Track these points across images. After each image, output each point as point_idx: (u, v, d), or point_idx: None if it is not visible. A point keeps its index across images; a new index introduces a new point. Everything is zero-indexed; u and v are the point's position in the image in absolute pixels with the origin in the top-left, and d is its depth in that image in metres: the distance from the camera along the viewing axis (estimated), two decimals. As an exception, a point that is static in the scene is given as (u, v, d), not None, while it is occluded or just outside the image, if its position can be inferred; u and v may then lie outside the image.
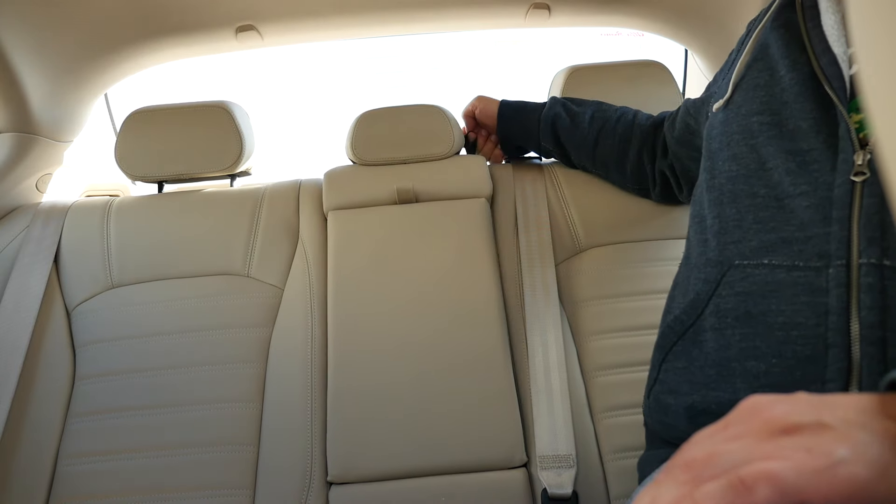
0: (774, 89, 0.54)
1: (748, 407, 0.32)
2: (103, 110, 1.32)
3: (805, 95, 0.51)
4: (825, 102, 0.51)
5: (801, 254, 0.49)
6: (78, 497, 0.82)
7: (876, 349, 0.44)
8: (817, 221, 0.48)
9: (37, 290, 0.93)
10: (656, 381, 0.61)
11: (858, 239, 0.46)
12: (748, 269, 0.52)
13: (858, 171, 0.46)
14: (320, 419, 0.85)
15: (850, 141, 0.47)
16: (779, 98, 0.54)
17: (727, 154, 0.57)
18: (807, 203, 0.49)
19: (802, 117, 0.51)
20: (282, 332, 0.91)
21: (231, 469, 0.82)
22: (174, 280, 0.95)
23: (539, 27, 1.25)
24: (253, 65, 4.08)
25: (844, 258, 0.46)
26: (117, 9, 1.01)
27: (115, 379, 0.88)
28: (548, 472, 0.79)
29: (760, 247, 0.51)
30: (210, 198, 1.01)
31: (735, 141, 0.56)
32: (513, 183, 1.03)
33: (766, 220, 0.52)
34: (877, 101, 0.19)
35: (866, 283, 0.45)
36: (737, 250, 0.53)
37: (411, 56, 5.09)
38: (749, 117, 0.55)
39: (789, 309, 0.48)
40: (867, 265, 0.45)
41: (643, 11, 1.18)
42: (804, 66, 0.53)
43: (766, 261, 0.50)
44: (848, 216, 0.46)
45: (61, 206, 1.02)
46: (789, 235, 0.50)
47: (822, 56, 0.51)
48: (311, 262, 0.95)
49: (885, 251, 0.45)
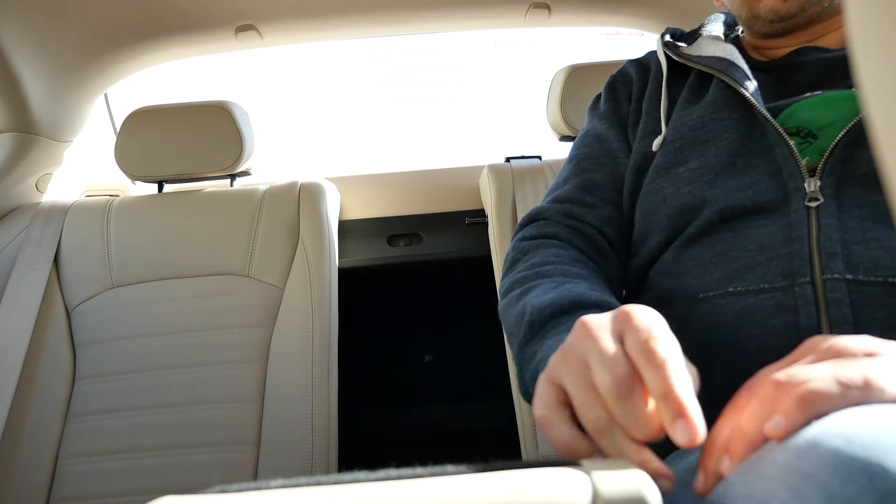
0: (696, 113, 0.56)
1: (817, 341, 0.33)
2: (103, 110, 1.32)
3: (729, 120, 0.54)
4: (746, 121, 0.53)
5: (765, 276, 0.48)
6: (78, 497, 0.82)
7: None
8: (778, 243, 0.48)
9: (37, 290, 0.93)
10: None
11: (819, 256, 0.46)
12: (714, 301, 0.50)
13: (812, 197, 0.48)
14: (321, 419, 0.85)
15: (798, 168, 0.49)
16: (700, 122, 0.55)
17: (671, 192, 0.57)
18: (765, 230, 0.49)
19: (735, 151, 0.53)
20: (282, 332, 0.91)
21: (231, 469, 0.82)
22: (174, 280, 0.95)
23: (539, 27, 1.25)
24: (253, 65, 4.08)
25: (808, 275, 0.46)
26: (117, 9, 1.01)
27: (115, 379, 0.88)
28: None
29: (724, 277, 0.50)
30: (210, 198, 1.01)
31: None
32: (513, 183, 1.03)
33: (725, 251, 0.51)
34: (879, 106, 0.19)
35: (833, 299, 0.45)
36: (699, 284, 0.52)
37: (411, 56, 5.09)
38: (682, 153, 0.56)
39: (761, 333, 0.47)
40: (832, 280, 0.45)
41: (643, 11, 1.19)
42: (720, 88, 0.55)
43: (732, 289, 0.49)
44: (807, 235, 0.47)
45: (61, 206, 1.02)
46: (751, 261, 0.49)
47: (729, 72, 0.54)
48: (312, 261, 0.95)
49: (848, 265, 0.45)
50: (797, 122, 0.51)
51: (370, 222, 1.23)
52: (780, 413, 0.29)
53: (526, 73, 4.59)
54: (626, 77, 0.69)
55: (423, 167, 1.28)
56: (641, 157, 0.61)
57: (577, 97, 1.07)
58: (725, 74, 0.55)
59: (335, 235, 1.03)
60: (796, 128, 0.50)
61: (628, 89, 0.68)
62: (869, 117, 0.20)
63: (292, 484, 0.26)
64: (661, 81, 0.63)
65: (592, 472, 0.26)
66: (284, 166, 3.61)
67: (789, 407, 0.28)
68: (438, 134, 4.70)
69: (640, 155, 0.62)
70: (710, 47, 0.61)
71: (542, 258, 0.59)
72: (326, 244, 0.98)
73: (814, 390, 0.28)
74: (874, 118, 0.20)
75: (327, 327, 0.91)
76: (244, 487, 0.27)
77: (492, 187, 1.04)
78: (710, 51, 0.60)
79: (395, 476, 0.27)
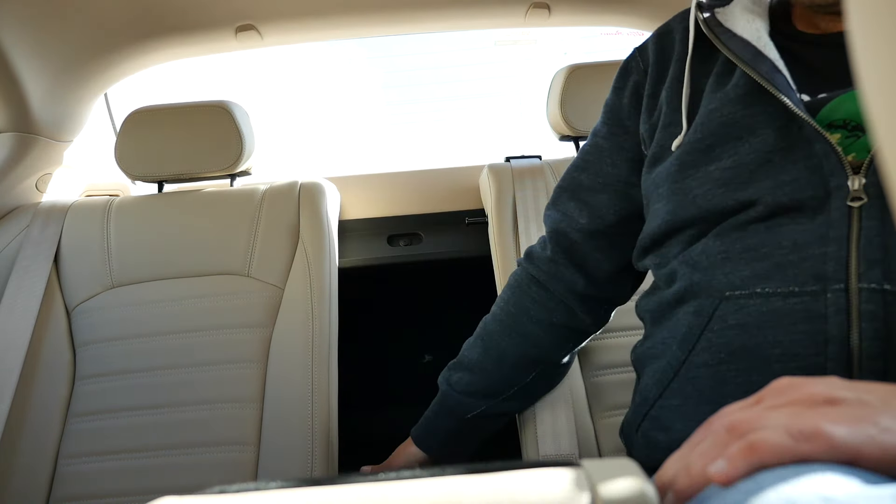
0: (725, 109, 0.51)
1: (784, 384, 0.33)
2: (103, 110, 1.32)
3: (763, 115, 0.49)
4: (781, 115, 0.48)
5: (795, 278, 0.45)
6: (78, 497, 0.82)
7: (877, 380, 0.42)
8: (813, 241, 0.45)
9: (37, 289, 0.93)
10: (646, 416, 0.56)
11: (858, 261, 0.43)
12: (741, 301, 0.48)
13: (855, 196, 0.44)
14: (321, 419, 0.85)
15: (840, 164, 0.45)
16: (730, 118, 0.51)
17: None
18: (801, 228, 0.46)
19: (769, 147, 0.48)
20: (282, 332, 0.91)
21: (231, 469, 0.82)
22: (174, 280, 0.95)
23: (539, 26, 1.25)
24: (255, 66, 4.09)
25: (843, 281, 0.43)
26: (117, 9, 1.01)
27: (115, 379, 0.88)
28: None
29: (753, 275, 0.47)
30: (210, 198, 1.01)
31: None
32: (513, 183, 1.03)
33: (756, 246, 0.48)
34: (882, 112, 0.19)
35: (868, 311, 0.42)
36: (727, 281, 0.49)
37: (412, 56, 5.09)
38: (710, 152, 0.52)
39: (787, 339, 0.45)
40: (868, 290, 0.42)
41: (643, 11, 1.18)
42: (746, 82, 0.50)
43: (760, 289, 0.47)
44: (846, 236, 0.43)
45: (61, 205, 1.02)
46: (782, 259, 0.46)
47: (759, 66, 0.49)
48: (312, 261, 0.95)
49: (887, 275, 0.42)
50: (844, 115, 0.46)
51: (370, 222, 1.23)
52: (726, 457, 0.29)
53: (525, 72, 4.58)
54: (643, 57, 0.63)
55: (423, 167, 1.28)
56: (660, 149, 0.57)
57: (577, 97, 1.07)
58: (751, 67, 0.49)
59: (335, 235, 1.03)
60: (843, 120, 0.46)
61: (642, 75, 0.63)
62: (869, 117, 0.20)
63: (292, 485, 0.26)
64: (685, 65, 0.57)
65: (592, 472, 0.26)
66: (285, 166, 3.61)
67: (735, 453, 0.28)
68: (438, 134, 4.70)
69: (658, 147, 0.58)
70: (741, 20, 0.54)
71: (494, 316, 0.76)
72: (326, 244, 0.98)
73: (762, 440, 0.28)
74: (875, 118, 0.20)
75: (327, 327, 0.91)
76: (244, 488, 0.27)
77: (492, 187, 1.04)
78: (741, 27, 0.53)
79: (394, 476, 0.27)
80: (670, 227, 0.55)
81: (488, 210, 1.08)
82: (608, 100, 0.68)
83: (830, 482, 0.25)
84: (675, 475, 0.32)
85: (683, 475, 0.31)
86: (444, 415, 0.78)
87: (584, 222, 0.68)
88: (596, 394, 0.86)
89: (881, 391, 0.30)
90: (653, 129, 0.60)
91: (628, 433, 0.61)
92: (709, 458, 0.30)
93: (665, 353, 0.55)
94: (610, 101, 0.67)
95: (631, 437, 0.60)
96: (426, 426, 0.80)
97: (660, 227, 0.56)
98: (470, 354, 0.76)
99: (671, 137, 0.56)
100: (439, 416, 0.79)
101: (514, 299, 0.74)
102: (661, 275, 0.58)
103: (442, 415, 0.78)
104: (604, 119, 0.68)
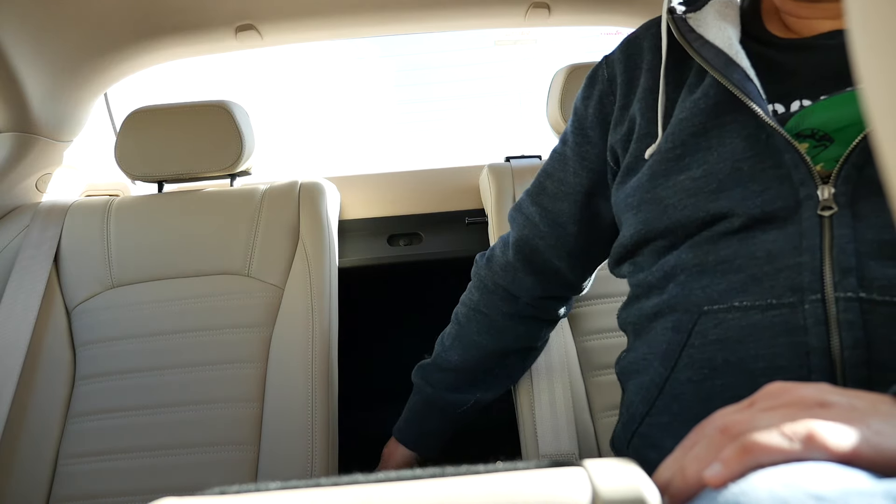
0: (696, 120, 0.51)
1: (775, 388, 0.33)
2: (103, 110, 1.32)
3: (734, 124, 0.49)
4: (751, 124, 0.48)
5: (772, 290, 0.45)
6: (78, 497, 0.82)
7: (861, 388, 0.42)
8: (786, 252, 0.45)
9: (37, 289, 0.93)
10: (635, 434, 0.56)
11: (832, 270, 0.43)
12: (720, 315, 0.47)
13: (825, 205, 0.44)
14: (321, 419, 0.85)
15: (809, 174, 0.45)
16: (701, 127, 0.51)
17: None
18: (774, 238, 0.46)
19: (737, 156, 0.48)
20: (282, 332, 0.91)
21: (231, 469, 0.82)
22: (174, 280, 0.95)
23: (539, 26, 1.25)
24: (261, 66, 4.09)
25: (819, 292, 0.43)
26: (117, 9, 1.01)
27: (115, 379, 0.88)
28: None
29: (729, 289, 0.47)
30: (210, 198, 1.01)
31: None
32: (513, 182, 1.03)
33: (730, 258, 0.48)
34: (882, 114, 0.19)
35: (846, 321, 0.42)
36: (704, 295, 0.49)
37: (411, 55, 5.09)
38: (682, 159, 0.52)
39: (769, 353, 0.45)
40: (844, 299, 0.42)
41: (643, 11, 1.18)
42: (717, 91, 0.50)
43: (738, 303, 0.46)
44: (819, 245, 0.44)
45: (61, 205, 1.02)
46: (757, 271, 0.46)
47: (730, 74, 0.48)
48: (312, 261, 0.95)
49: (862, 283, 0.42)
50: (812, 124, 0.46)
51: (370, 222, 1.23)
52: (721, 460, 0.29)
53: (525, 72, 4.58)
54: (610, 68, 0.63)
55: (423, 167, 1.28)
56: (634, 160, 0.57)
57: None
58: (722, 76, 0.49)
59: (335, 235, 1.03)
60: (811, 130, 0.46)
61: (608, 85, 0.62)
62: (869, 117, 0.20)
63: (291, 485, 0.26)
64: (657, 73, 0.57)
65: (592, 472, 0.26)
66: (287, 165, 3.61)
67: (730, 455, 0.28)
68: (438, 133, 4.70)
69: (633, 158, 0.57)
70: (713, 28, 0.53)
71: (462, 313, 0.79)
72: (326, 244, 0.98)
73: (756, 441, 0.28)
74: (875, 118, 0.20)
75: (327, 327, 0.91)
76: (244, 489, 0.27)
77: (492, 187, 1.04)
78: (713, 34, 0.53)
79: (394, 477, 0.27)
80: (642, 238, 0.55)
81: (488, 210, 1.08)
82: (576, 105, 0.67)
83: (821, 480, 0.25)
84: (670, 479, 0.32)
85: (678, 479, 0.31)
86: (435, 416, 0.81)
87: (546, 230, 0.69)
88: (595, 393, 0.86)
89: (869, 398, 0.31)
90: (626, 141, 0.59)
91: (619, 448, 0.60)
92: (703, 462, 0.30)
93: (647, 370, 0.55)
94: (577, 107, 0.67)
95: (622, 453, 0.59)
96: (419, 430, 0.83)
97: (632, 238, 0.56)
98: (448, 356, 0.79)
99: (646, 148, 0.56)
100: (429, 420, 0.82)
101: (483, 300, 0.77)
102: (637, 285, 0.58)
103: (432, 417, 0.82)
104: (571, 125, 0.68)
